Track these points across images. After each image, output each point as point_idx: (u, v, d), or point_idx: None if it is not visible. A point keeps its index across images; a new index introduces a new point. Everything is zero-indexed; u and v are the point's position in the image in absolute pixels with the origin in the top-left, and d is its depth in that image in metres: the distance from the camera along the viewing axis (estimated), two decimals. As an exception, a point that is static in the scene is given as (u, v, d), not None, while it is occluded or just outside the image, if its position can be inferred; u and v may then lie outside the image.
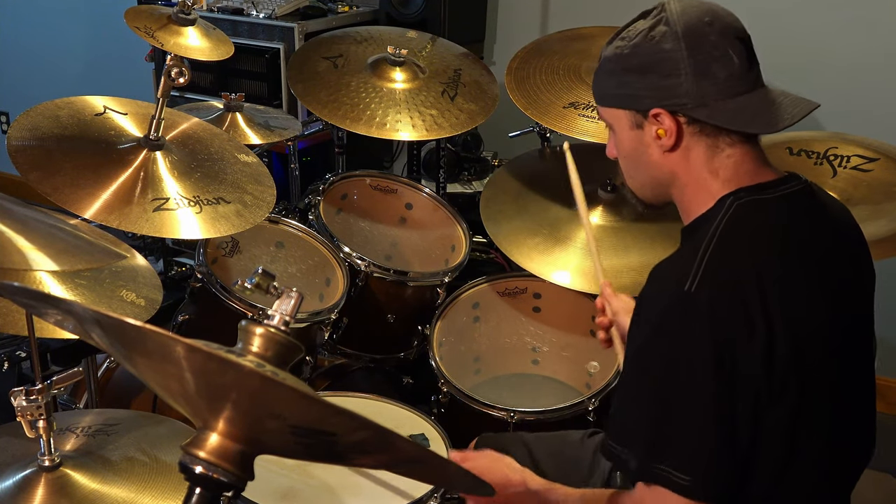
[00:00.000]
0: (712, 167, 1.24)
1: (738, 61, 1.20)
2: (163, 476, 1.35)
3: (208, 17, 2.69)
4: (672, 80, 1.21)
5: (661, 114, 1.23)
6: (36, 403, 1.25)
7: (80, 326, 0.87)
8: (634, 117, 1.27)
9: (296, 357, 0.86)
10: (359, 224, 2.55)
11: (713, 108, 1.20)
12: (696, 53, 1.20)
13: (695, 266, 1.15)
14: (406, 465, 0.91)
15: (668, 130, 1.23)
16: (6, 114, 4.39)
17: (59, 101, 1.67)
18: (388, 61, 2.49)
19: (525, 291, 2.32)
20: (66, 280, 1.54)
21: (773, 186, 1.24)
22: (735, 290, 1.14)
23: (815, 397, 1.20)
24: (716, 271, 1.15)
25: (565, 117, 2.18)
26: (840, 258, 1.28)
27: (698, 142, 1.24)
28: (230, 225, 1.62)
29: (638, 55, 1.24)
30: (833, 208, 1.32)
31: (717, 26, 1.21)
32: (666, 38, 1.21)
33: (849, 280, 1.29)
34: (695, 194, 1.26)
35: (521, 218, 2.25)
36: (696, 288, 1.13)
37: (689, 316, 1.14)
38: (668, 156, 1.26)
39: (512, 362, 2.35)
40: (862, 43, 2.73)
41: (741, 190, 1.23)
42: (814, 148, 2.12)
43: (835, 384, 1.24)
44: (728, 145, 1.24)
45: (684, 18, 1.21)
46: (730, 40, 1.21)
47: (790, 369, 1.16)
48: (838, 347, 1.25)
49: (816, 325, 1.20)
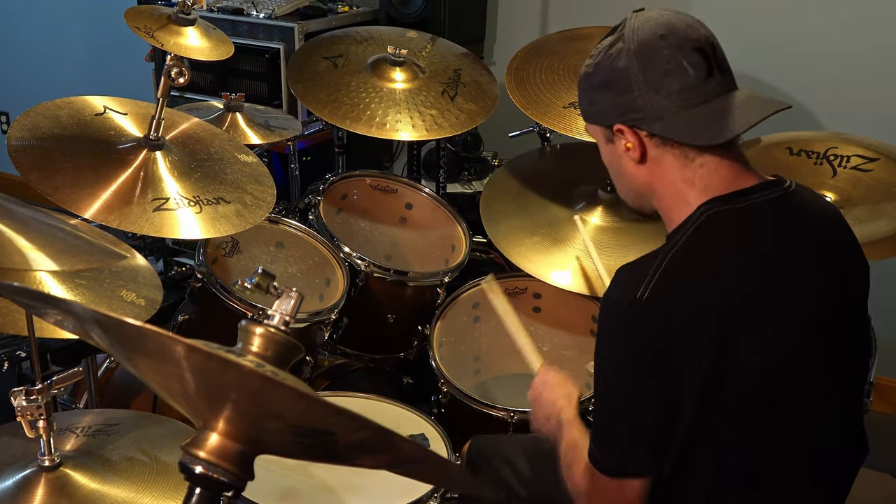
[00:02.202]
0: (686, 177, 1.26)
1: (694, 72, 1.21)
2: (163, 476, 1.35)
3: (208, 17, 2.69)
4: (627, 95, 1.24)
5: (623, 129, 1.27)
6: (36, 403, 1.25)
7: (80, 326, 0.87)
8: (605, 132, 1.32)
9: (296, 357, 0.86)
10: (359, 224, 2.55)
11: (668, 122, 1.23)
12: (648, 69, 1.22)
13: (650, 272, 1.19)
14: (406, 465, 0.91)
15: (633, 144, 1.27)
16: (6, 114, 4.39)
17: (59, 101, 1.66)
18: (388, 61, 2.49)
19: (525, 291, 2.32)
20: (66, 280, 1.54)
21: (748, 194, 1.24)
22: (686, 300, 1.18)
23: (784, 405, 1.22)
24: (669, 280, 1.18)
25: (565, 117, 2.18)
26: (816, 263, 1.27)
27: (665, 153, 1.26)
28: (230, 225, 1.62)
29: (598, 73, 1.29)
30: (815, 212, 1.32)
31: (671, 39, 1.22)
32: (620, 56, 1.24)
33: (826, 284, 1.28)
34: (673, 203, 1.28)
35: (521, 218, 2.25)
36: (647, 296, 1.17)
37: (635, 321, 1.19)
38: (640, 167, 1.29)
39: (512, 362, 2.34)
40: (862, 43, 2.73)
41: (713, 200, 1.24)
42: (814, 148, 2.12)
43: (809, 391, 1.25)
44: (697, 154, 1.25)
45: (638, 35, 1.23)
46: (685, 52, 1.21)
47: (748, 381, 1.19)
48: (810, 353, 1.25)
49: (783, 335, 1.21)
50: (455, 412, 2.02)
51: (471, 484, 1.20)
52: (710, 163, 1.25)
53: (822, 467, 1.30)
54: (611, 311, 1.23)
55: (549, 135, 2.45)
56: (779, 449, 1.25)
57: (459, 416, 2.00)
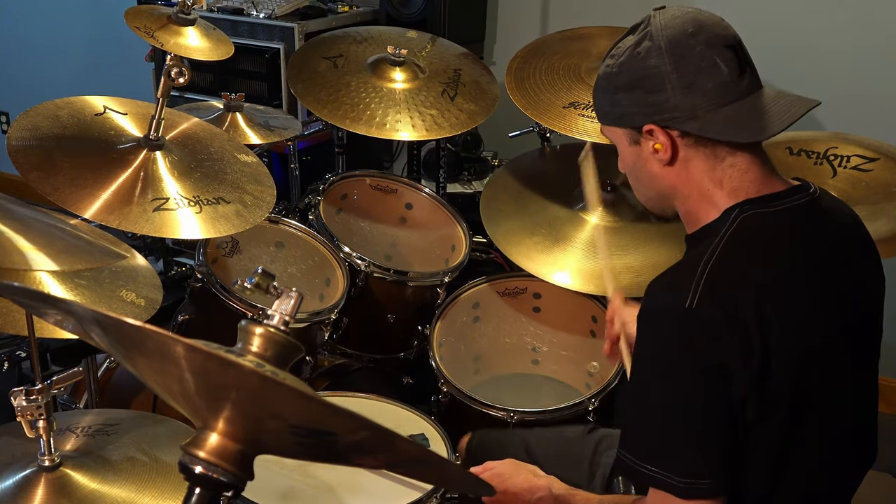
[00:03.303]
0: (715, 177, 1.24)
1: (727, 69, 1.19)
2: (163, 476, 1.35)
3: (208, 17, 2.69)
4: (659, 95, 1.21)
5: (654, 129, 1.24)
6: (36, 403, 1.25)
7: (80, 326, 0.87)
8: (631, 134, 1.28)
9: (296, 357, 0.86)
10: (359, 224, 2.55)
11: (703, 120, 1.20)
12: (680, 66, 1.20)
13: (695, 281, 1.15)
14: (406, 465, 0.91)
15: (664, 145, 1.24)
16: (6, 114, 4.39)
17: (59, 101, 1.66)
18: (388, 61, 2.49)
19: (525, 291, 2.32)
20: (66, 280, 1.54)
21: (780, 198, 1.23)
22: (734, 309, 1.15)
23: (812, 410, 1.21)
24: (715, 288, 1.15)
25: (565, 117, 2.18)
26: (844, 271, 1.27)
27: (696, 153, 1.24)
28: (230, 225, 1.62)
29: (625, 73, 1.25)
30: (840, 218, 1.31)
31: (701, 37, 1.20)
32: (650, 54, 1.21)
33: (853, 291, 1.28)
34: (699, 205, 1.26)
35: (521, 218, 2.25)
36: (696, 305, 1.14)
37: (688, 333, 1.15)
38: (668, 169, 1.26)
39: (512, 362, 2.35)
40: (862, 43, 2.73)
41: (747, 202, 1.22)
42: (814, 148, 2.12)
43: (835, 396, 1.25)
44: (729, 154, 1.23)
45: (667, 32, 1.21)
46: (717, 49, 1.20)
47: (784, 386, 1.17)
48: (840, 360, 1.24)
49: (818, 341, 1.21)
50: (455, 412, 2.02)
51: (471, 483, 1.20)
52: (741, 163, 1.23)
53: (836, 470, 1.30)
54: (658, 324, 1.19)
55: (549, 135, 2.45)
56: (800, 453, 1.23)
57: (459, 416, 2.00)
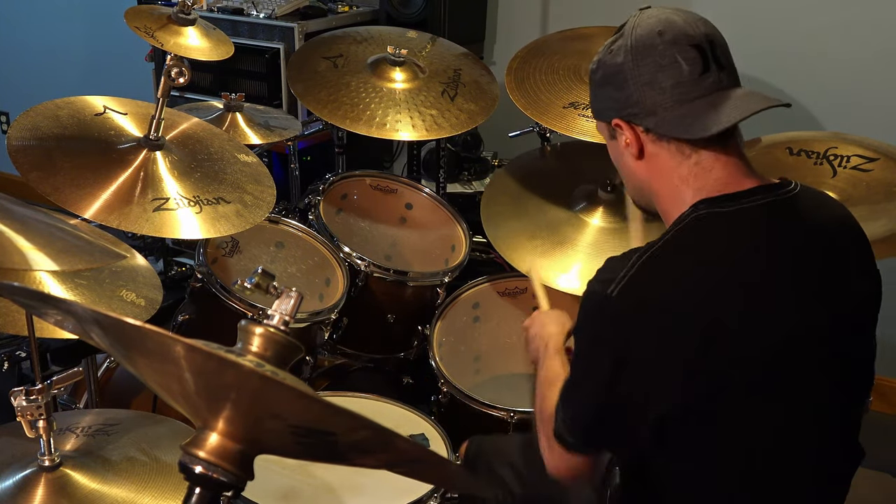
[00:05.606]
0: (681, 175, 1.26)
1: (688, 68, 1.21)
2: (163, 476, 1.35)
3: (208, 17, 2.69)
4: (623, 91, 1.26)
5: (621, 124, 1.29)
6: (36, 403, 1.25)
7: (80, 326, 0.87)
8: (607, 128, 1.33)
9: (296, 357, 0.86)
10: (359, 224, 2.55)
11: (661, 117, 1.23)
12: (641, 64, 1.23)
13: (623, 272, 1.19)
14: (406, 465, 0.91)
15: (630, 140, 1.28)
16: (6, 114, 4.39)
17: (59, 101, 1.66)
18: (388, 61, 2.49)
19: (525, 291, 2.32)
20: (66, 280, 1.54)
21: (740, 198, 1.22)
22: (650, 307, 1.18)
23: (778, 402, 1.22)
24: (638, 283, 1.18)
25: (565, 117, 2.18)
26: (824, 267, 1.25)
27: (660, 149, 1.26)
28: (230, 225, 1.62)
29: (600, 70, 1.31)
30: (818, 216, 1.29)
31: (668, 35, 1.22)
32: (619, 52, 1.26)
33: (833, 287, 1.26)
34: (671, 201, 1.28)
35: (521, 220, 2.25)
36: (615, 295, 1.18)
37: (602, 317, 1.22)
38: (639, 163, 1.30)
39: (512, 362, 2.35)
40: (862, 43, 2.73)
41: (702, 202, 1.23)
42: (814, 148, 2.12)
43: (806, 390, 1.24)
44: (693, 151, 1.24)
45: (638, 31, 1.25)
46: (679, 48, 1.22)
47: (731, 381, 1.18)
48: (810, 355, 1.23)
49: (780, 337, 1.20)
50: (455, 412, 2.02)
51: (470, 484, 1.20)
52: (705, 161, 1.24)
53: (820, 469, 1.29)
54: (586, 299, 1.24)
55: (549, 135, 2.45)
56: (776, 451, 1.24)
57: (459, 416, 2.00)
